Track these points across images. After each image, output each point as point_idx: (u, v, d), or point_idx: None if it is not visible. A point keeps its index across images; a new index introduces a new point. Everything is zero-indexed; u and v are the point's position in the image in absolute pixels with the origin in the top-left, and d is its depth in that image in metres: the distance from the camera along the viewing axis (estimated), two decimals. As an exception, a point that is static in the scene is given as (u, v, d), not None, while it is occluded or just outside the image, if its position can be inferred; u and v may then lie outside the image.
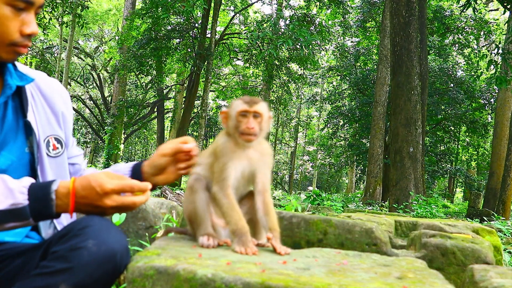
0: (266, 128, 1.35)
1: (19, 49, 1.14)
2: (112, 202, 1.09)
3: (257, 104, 1.32)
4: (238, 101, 1.34)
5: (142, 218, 2.45)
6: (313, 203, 6.52)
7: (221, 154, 1.31)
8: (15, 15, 1.11)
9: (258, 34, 12.26)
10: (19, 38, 1.13)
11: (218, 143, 1.34)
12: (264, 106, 1.34)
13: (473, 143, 22.13)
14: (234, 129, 1.31)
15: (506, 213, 10.62)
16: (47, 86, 1.35)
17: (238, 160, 1.31)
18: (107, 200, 1.09)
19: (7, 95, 1.19)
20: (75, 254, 1.01)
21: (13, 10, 1.11)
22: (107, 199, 1.09)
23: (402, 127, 8.81)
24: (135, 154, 36.61)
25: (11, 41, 1.12)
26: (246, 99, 1.33)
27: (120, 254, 1.05)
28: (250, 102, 1.32)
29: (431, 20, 16.40)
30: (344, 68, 19.13)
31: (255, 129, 1.29)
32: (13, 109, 1.23)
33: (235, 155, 1.31)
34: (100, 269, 1.01)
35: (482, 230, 2.32)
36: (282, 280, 0.94)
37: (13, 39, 1.12)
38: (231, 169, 1.29)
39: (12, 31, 1.11)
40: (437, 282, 1.03)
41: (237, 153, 1.31)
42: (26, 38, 1.14)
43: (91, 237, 1.04)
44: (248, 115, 1.30)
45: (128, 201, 1.12)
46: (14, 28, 1.12)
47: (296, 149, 31.85)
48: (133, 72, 16.72)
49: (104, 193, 1.08)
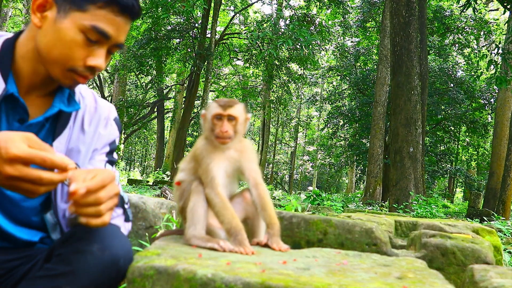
0: (242, 129, 1.37)
1: (78, 77, 1.11)
2: (14, 171, 0.88)
3: (231, 107, 1.32)
4: (213, 104, 1.34)
5: (142, 218, 2.45)
6: (313, 203, 6.52)
7: (202, 156, 1.32)
8: (85, 44, 1.08)
9: (258, 34, 12.26)
10: (81, 66, 1.09)
11: (197, 147, 1.35)
12: (239, 108, 1.34)
13: (473, 143, 22.13)
14: (210, 132, 1.33)
15: (506, 213, 10.62)
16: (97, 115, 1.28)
17: (219, 161, 1.32)
18: (8, 167, 0.88)
19: (46, 116, 1.17)
20: (79, 257, 1.02)
21: (85, 39, 1.07)
22: (9, 166, 0.88)
23: (402, 127, 8.81)
24: (135, 154, 36.60)
25: (72, 67, 1.09)
26: (222, 102, 1.33)
27: (123, 260, 1.05)
28: (224, 105, 1.32)
29: (431, 20, 16.40)
30: (344, 68, 19.13)
31: (229, 133, 1.30)
32: (47, 131, 1.20)
33: (215, 156, 1.32)
34: (103, 274, 1.02)
35: (482, 230, 2.32)
36: (282, 280, 0.94)
37: (75, 66, 1.09)
38: (216, 168, 1.31)
39: (76, 58, 1.08)
40: (437, 282, 1.03)
41: (216, 154, 1.33)
42: (88, 70, 1.10)
43: (96, 241, 1.05)
44: (222, 118, 1.31)
45: (32, 174, 0.89)
46: (80, 56, 1.08)
47: (296, 149, 31.84)
48: (133, 72, 16.73)
49: (8, 158, 0.88)
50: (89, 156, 1.26)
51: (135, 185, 11.82)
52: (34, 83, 1.16)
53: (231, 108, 1.32)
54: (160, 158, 21.79)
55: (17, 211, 1.19)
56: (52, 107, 1.18)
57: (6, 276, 1.17)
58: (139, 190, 9.54)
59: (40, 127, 1.19)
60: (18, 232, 1.19)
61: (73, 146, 1.23)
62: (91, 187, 0.95)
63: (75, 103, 1.22)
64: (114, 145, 1.34)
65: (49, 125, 1.21)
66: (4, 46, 1.14)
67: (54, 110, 1.17)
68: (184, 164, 1.41)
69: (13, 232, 1.18)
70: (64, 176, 0.94)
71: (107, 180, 1.00)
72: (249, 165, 1.36)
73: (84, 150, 1.24)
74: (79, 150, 1.23)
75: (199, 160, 1.33)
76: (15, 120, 1.15)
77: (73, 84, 1.13)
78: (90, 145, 1.26)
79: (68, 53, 1.07)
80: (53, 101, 1.19)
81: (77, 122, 1.25)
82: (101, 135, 1.29)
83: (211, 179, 1.29)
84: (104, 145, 1.30)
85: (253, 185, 1.35)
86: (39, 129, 1.19)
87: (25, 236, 1.21)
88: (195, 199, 1.30)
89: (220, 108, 1.31)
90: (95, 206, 0.97)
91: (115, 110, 1.37)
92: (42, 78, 1.14)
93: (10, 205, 1.17)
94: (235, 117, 1.32)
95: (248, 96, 21.69)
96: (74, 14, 1.06)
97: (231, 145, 1.35)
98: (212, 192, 1.28)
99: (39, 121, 1.17)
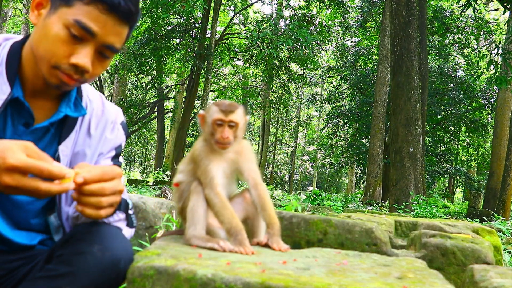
0: (241, 134, 1.36)
1: (63, 76, 1.07)
2: (12, 181, 0.89)
3: (233, 112, 1.30)
4: (214, 108, 1.32)
5: (142, 218, 2.45)
6: (313, 203, 6.52)
7: (200, 158, 1.32)
8: (70, 41, 1.05)
9: (258, 34, 12.27)
10: (65, 64, 1.06)
11: (196, 148, 1.35)
12: (240, 113, 1.33)
13: (473, 143, 22.14)
14: (210, 136, 1.32)
15: (506, 213, 10.62)
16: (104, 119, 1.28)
17: (217, 162, 1.32)
18: (6, 176, 0.89)
19: (51, 121, 1.16)
20: (80, 258, 1.02)
21: (69, 34, 1.05)
22: (7, 175, 0.89)
23: (402, 127, 8.82)
24: (135, 154, 36.61)
25: (55, 63, 1.06)
26: (223, 106, 1.31)
27: (124, 261, 1.05)
28: (226, 110, 1.30)
29: (431, 20, 16.40)
30: (344, 68, 19.14)
31: (229, 139, 1.30)
32: (52, 135, 1.20)
33: (214, 157, 1.32)
34: (103, 275, 1.02)
35: (482, 230, 2.32)
36: (282, 280, 0.94)
37: (58, 63, 1.06)
38: (214, 169, 1.31)
39: (59, 54, 1.05)
40: (437, 282, 1.03)
41: (215, 155, 1.33)
42: (72, 68, 1.07)
43: (96, 242, 1.05)
44: (223, 124, 1.30)
45: (30, 185, 0.90)
46: (63, 52, 1.06)
47: (296, 149, 31.85)
48: (133, 72, 16.74)
49: (6, 167, 0.89)
50: (94, 160, 1.25)
51: (135, 185, 11.83)
52: (38, 86, 1.15)
53: (232, 114, 1.30)
54: (160, 158, 21.80)
55: (18, 214, 1.19)
56: (58, 112, 1.17)
57: (7, 277, 1.18)
58: (139, 190, 9.55)
59: (46, 131, 1.19)
60: (16, 237, 1.20)
61: (79, 149, 1.23)
62: (88, 178, 0.97)
63: (81, 107, 1.22)
64: (120, 149, 1.33)
65: (55, 129, 1.20)
66: (12, 50, 1.14)
67: (59, 116, 1.17)
68: (183, 165, 1.41)
69: (11, 237, 1.18)
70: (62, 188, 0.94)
71: (110, 173, 1.01)
72: (248, 166, 1.37)
73: (89, 154, 1.24)
74: (85, 154, 1.23)
75: (198, 162, 1.33)
76: (20, 124, 1.14)
77: (61, 84, 1.09)
78: (96, 149, 1.26)
79: (51, 48, 1.05)
80: (59, 106, 1.18)
81: (84, 126, 1.24)
82: (107, 139, 1.28)
83: (210, 179, 1.29)
84: (110, 149, 1.29)
85: (253, 185, 1.35)
86: (44, 133, 1.18)
87: (23, 240, 1.21)
88: (194, 199, 1.30)
89: (222, 113, 1.30)
90: (97, 196, 0.98)
91: (123, 114, 1.36)
92: (43, 81, 1.13)
93: (13, 207, 1.17)
94: (236, 123, 1.31)
95: (248, 96, 21.69)
96: (61, 9, 1.05)
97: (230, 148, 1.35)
98: (212, 192, 1.28)
99: (44, 125, 1.16)
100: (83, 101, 1.24)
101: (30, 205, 1.19)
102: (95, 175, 0.99)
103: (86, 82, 1.14)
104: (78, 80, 1.10)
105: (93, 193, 0.98)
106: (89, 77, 1.12)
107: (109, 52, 1.11)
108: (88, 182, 0.97)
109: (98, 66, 1.12)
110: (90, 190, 0.98)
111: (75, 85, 1.12)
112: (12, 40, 1.17)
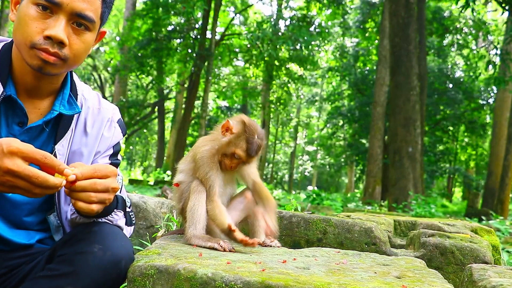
0: None
1: (40, 53, 1.07)
2: (13, 165, 0.89)
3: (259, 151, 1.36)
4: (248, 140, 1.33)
5: (143, 218, 2.46)
6: (313, 202, 6.53)
7: (202, 163, 1.35)
8: (40, 16, 1.06)
9: (258, 35, 12.28)
10: (40, 40, 1.06)
11: (199, 151, 1.37)
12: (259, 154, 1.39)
13: (471, 143, 22.13)
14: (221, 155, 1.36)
15: (504, 212, 10.64)
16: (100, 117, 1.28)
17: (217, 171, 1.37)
18: (7, 160, 0.89)
19: (45, 120, 1.17)
20: (81, 258, 1.03)
21: (39, 11, 1.06)
22: (9, 159, 0.89)
23: (401, 127, 8.83)
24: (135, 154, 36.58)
25: (31, 43, 1.06)
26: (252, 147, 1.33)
27: (125, 261, 1.06)
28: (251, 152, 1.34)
29: (430, 21, 16.41)
30: (343, 69, 19.13)
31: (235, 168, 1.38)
32: (48, 134, 1.20)
33: (215, 165, 1.36)
34: (104, 274, 1.02)
35: (480, 229, 2.32)
36: (282, 279, 0.95)
37: (33, 40, 1.06)
38: (214, 177, 1.34)
39: (33, 32, 1.06)
40: (436, 281, 1.04)
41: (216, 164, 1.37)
42: (47, 42, 1.06)
43: (97, 242, 1.05)
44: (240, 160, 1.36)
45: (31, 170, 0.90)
46: (36, 29, 1.06)
47: (296, 149, 31.83)
48: (134, 73, 16.72)
49: (9, 151, 0.89)
50: (91, 159, 1.25)
51: (136, 184, 11.83)
52: (29, 84, 1.15)
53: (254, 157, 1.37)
54: (161, 158, 21.77)
55: (16, 214, 1.19)
56: (52, 111, 1.18)
57: (9, 275, 1.18)
58: (139, 189, 9.55)
59: (41, 130, 1.19)
60: (15, 236, 1.20)
61: (75, 149, 1.23)
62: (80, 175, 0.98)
63: (76, 106, 1.22)
64: (118, 147, 1.33)
65: (50, 128, 1.20)
66: (3, 51, 1.15)
67: (53, 114, 1.17)
68: (183, 164, 1.42)
69: (9, 236, 1.19)
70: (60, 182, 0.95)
71: (103, 171, 1.02)
72: (248, 170, 1.43)
73: (86, 153, 1.24)
74: (82, 153, 1.23)
75: (198, 165, 1.35)
76: (14, 123, 1.15)
77: (42, 65, 1.08)
78: (93, 148, 1.25)
79: (25, 29, 1.06)
80: (53, 105, 1.19)
81: (80, 125, 1.24)
82: (104, 137, 1.28)
83: (209, 187, 1.33)
84: (107, 147, 1.29)
85: (252, 184, 1.43)
86: (39, 133, 1.19)
87: (22, 239, 1.21)
88: (195, 198, 1.31)
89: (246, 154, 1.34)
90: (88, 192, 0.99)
91: (119, 112, 1.36)
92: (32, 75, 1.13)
93: (10, 207, 1.18)
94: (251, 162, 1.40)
95: (248, 97, 21.68)
96: None
97: None
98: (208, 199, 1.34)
99: (38, 124, 1.16)
100: (78, 100, 1.24)
101: (28, 204, 1.20)
102: (86, 171, 1.00)
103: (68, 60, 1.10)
104: (58, 56, 1.08)
105: (84, 189, 0.99)
106: (70, 54, 1.10)
107: (84, 21, 1.09)
108: (79, 179, 0.98)
109: (77, 40, 1.10)
110: (82, 186, 0.99)
111: (59, 64, 1.10)
112: (3, 42, 1.19)
